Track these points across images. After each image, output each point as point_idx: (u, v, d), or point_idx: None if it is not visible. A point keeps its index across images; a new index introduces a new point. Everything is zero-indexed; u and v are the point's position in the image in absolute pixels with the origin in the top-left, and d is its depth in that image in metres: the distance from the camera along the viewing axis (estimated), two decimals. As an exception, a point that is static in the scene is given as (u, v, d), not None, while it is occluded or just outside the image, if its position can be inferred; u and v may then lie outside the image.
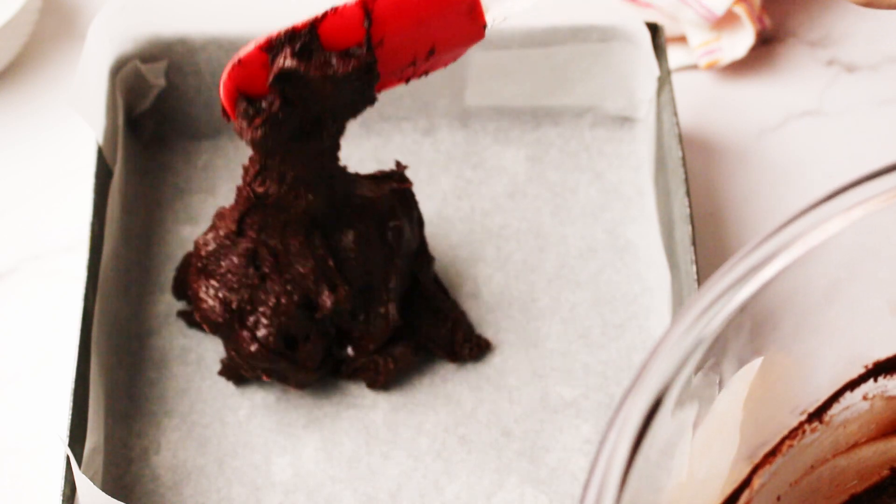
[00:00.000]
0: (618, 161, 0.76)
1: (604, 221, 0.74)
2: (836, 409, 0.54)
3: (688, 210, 0.67)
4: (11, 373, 0.70)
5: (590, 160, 0.76)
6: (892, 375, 0.54)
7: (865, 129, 0.79)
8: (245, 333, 0.65)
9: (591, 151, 0.77)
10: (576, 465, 0.67)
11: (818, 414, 0.54)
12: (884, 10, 0.82)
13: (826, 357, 0.52)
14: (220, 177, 0.76)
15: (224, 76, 0.58)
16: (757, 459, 0.53)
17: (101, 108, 0.70)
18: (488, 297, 0.72)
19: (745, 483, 0.52)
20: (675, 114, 0.71)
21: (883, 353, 0.53)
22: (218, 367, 0.69)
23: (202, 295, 0.65)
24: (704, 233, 0.74)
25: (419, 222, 0.69)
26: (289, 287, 0.65)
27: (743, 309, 0.46)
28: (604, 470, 0.43)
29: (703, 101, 0.80)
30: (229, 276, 0.65)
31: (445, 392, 0.69)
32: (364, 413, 0.69)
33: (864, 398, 0.54)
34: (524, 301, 0.72)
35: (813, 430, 0.54)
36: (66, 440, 0.61)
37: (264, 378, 0.67)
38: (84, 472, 0.61)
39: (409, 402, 0.69)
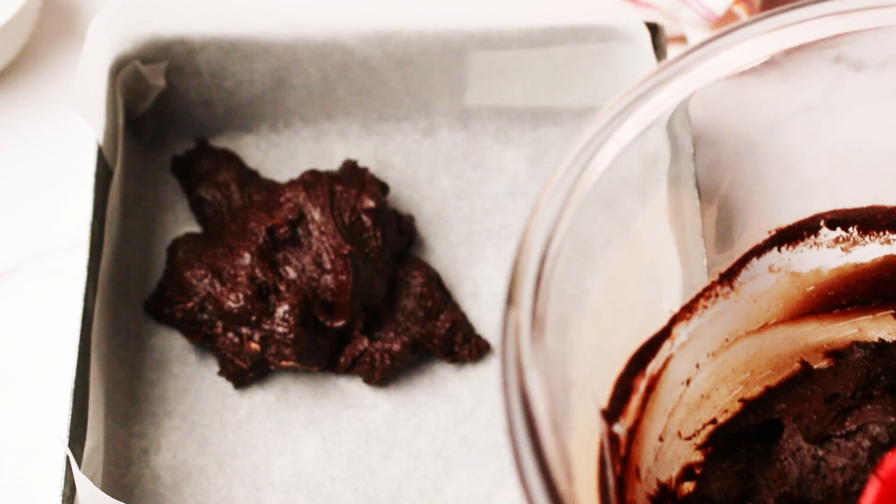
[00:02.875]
0: (618, 161, 0.76)
1: (604, 221, 0.74)
2: (744, 275, 0.56)
3: (697, 202, 0.67)
4: (11, 373, 0.70)
5: (590, 160, 0.76)
6: (793, 246, 0.56)
7: (872, 123, 0.79)
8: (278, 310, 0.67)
9: (591, 151, 0.77)
10: (576, 465, 0.67)
11: (728, 277, 0.56)
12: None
13: (734, 213, 0.55)
14: (220, 177, 0.76)
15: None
16: (676, 310, 0.55)
17: (101, 109, 0.70)
18: (488, 297, 0.72)
19: (666, 333, 0.54)
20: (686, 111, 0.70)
21: (784, 221, 0.56)
22: (217, 367, 0.69)
23: (218, 287, 0.68)
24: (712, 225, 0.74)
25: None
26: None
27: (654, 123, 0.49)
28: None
29: (705, 100, 0.80)
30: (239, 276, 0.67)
31: (445, 392, 0.69)
32: (364, 413, 0.69)
33: (770, 270, 0.56)
34: (524, 301, 0.72)
35: (725, 296, 0.56)
36: (66, 440, 0.61)
37: (284, 364, 0.67)
38: (84, 472, 0.61)
39: (409, 402, 0.69)
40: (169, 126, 0.76)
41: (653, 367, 0.54)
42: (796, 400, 0.58)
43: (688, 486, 0.57)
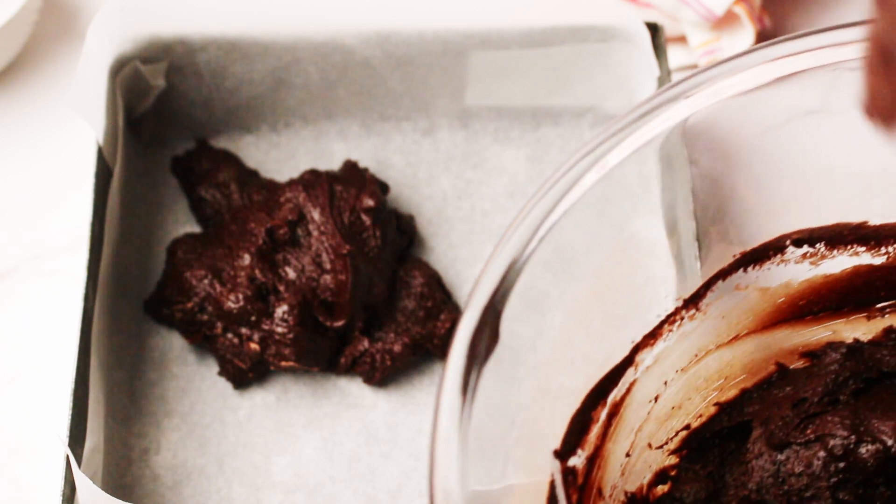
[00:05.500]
0: (618, 161, 0.76)
1: (604, 221, 0.74)
2: (710, 297, 0.57)
3: (691, 206, 0.67)
4: (11, 373, 0.70)
5: (590, 160, 0.76)
6: (760, 266, 0.57)
7: (868, 127, 0.79)
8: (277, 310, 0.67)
9: (591, 151, 0.77)
10: (576, 465, 0.67)
11: (694, 301, 0.56)
12: None
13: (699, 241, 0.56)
14: (220, 177, 0.76)
15: None
16: (637, 339, 0.55)
17: (101, 109, 0.70)
18: (488, 297, 0.72)
19: (628, 361, 0.55)
20: (675, 114, 0.70)
21: (749, 245, 0.56)
22: (217, 367, 0.69)
23: (218, 288, 0.68)
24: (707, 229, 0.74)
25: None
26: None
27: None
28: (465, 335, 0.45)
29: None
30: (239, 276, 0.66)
31: (445, 392, 0.69)
32: (364, 413, 0.69)
33: (738, 288, 0.57)
34: (524, 301, 0.72)
35: (691, 318, 0.57)
36: (66, 440, 0.61)
37: (284, 365, 0.67)
38: (84, 472, 0.61)
39: (409, 402, 0.69)
40: (169, 126, 0.76)
41: (614, 395, 0.55)
42: (768, 402, 0.59)
43: (661, 489, 0.58)
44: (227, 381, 0.69)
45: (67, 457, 0.60)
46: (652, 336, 0.56)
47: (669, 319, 0.56)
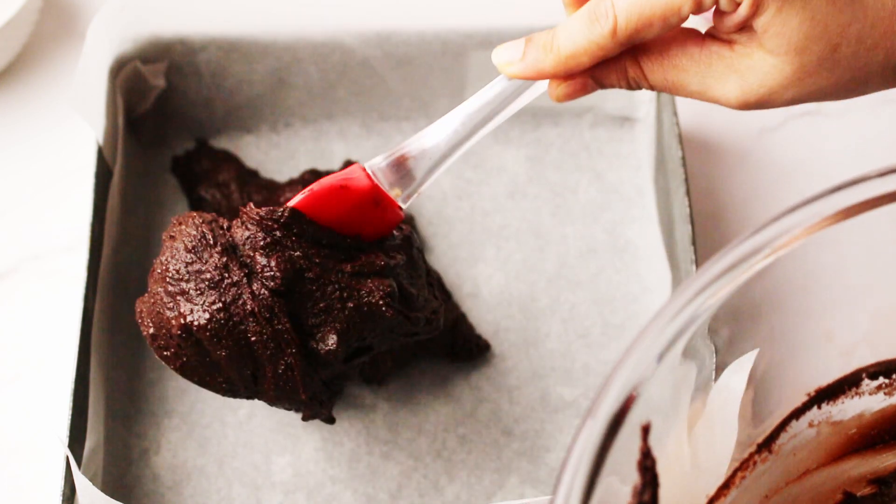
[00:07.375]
0: (618, 161, 0.76)
1: (604, 221, 0.74)
2: (783, 437, 0.55)
3: (688, 210, 0.67)
4: (11, 373, 0.70)
5: (590, 160, 0.76)
6: (834, 402, 0.55)
7: (865, 128, 0.79)
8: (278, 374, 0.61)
9: (591, 151, 0.77)
10: (576, 465, 0.67)
11: (767, 444, 0.55)
12: None
13: (771, 387, 0.53)
14: (220, 177, 0.76)
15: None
16: (711, 492, 0.53)
17: (101, 109, 0.70)
18: (488, 297, 0.72)
19: None
20: (675, 114, 0.71)
21: (823, 381, 0.54)
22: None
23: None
24: (704, 233, 0.74)
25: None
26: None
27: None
28: (576, 461, 0.43)
29: (703, 101, 0.80)
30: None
31: (445, 392, 0.69)
32: (364, 413, 0.69)
33: (811, 425, 0.55)
34: (524, 301, 0.72)
35: (763, 461, 0.55)
36: (66, 440, 0.61)
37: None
38: (84, 473, 0.61)
39: (409, 402, 0.69)
40: (169, 126, 0.76)
41: None
42: None
43: None
44: (227, 381, 0.69)
45: (67, 457, 0.60)
46: (726, 486, 0.54)
47: (743, 466, 0.55)
